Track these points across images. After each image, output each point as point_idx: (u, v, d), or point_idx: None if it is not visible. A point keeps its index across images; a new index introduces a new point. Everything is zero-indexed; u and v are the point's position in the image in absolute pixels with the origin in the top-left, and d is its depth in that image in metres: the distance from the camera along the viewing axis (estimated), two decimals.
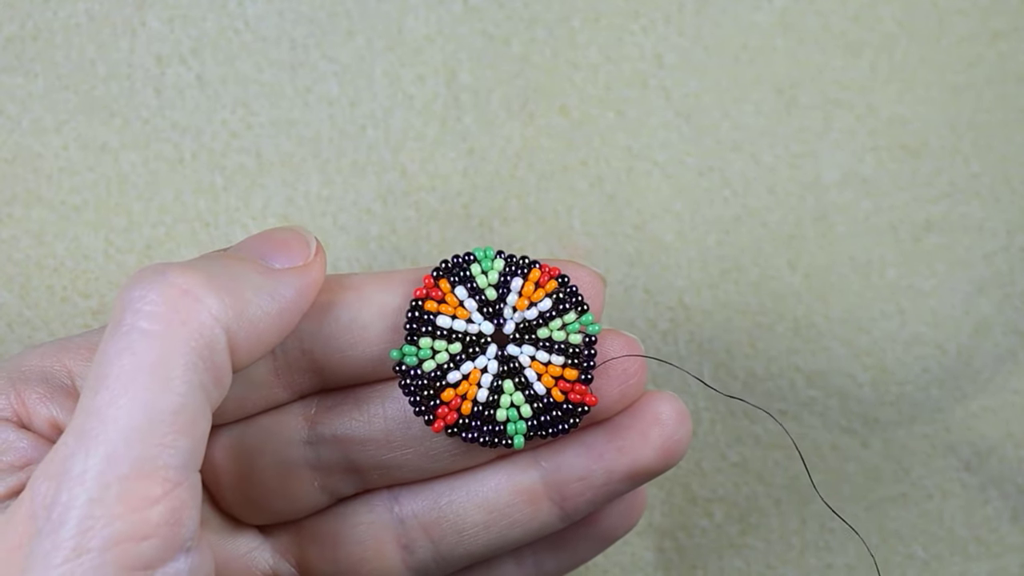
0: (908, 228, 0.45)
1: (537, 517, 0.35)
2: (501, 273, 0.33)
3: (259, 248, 0.31)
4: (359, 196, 0.44)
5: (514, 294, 0.33)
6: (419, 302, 0.33)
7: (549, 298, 0.33)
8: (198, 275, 0.28)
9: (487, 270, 0.33)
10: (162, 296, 0.28)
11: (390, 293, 0.33)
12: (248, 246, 0.32)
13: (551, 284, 0.33)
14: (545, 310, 0.33)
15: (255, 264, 0.31)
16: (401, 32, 0.44)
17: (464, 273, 0.33)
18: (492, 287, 0.33)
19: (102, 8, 0.43)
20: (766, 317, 0.45)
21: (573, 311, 0.33)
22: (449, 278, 0.33)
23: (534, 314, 0.33)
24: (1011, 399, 0.46)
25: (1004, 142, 0.45)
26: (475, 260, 0.33)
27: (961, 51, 0.45)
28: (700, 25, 0.45)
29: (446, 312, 0.33)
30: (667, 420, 0.34)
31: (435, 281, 0.33)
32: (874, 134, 0.45)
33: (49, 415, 0.31)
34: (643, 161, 0.45)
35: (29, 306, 0.43)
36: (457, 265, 0.33)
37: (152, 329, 0.27)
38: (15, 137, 0.43)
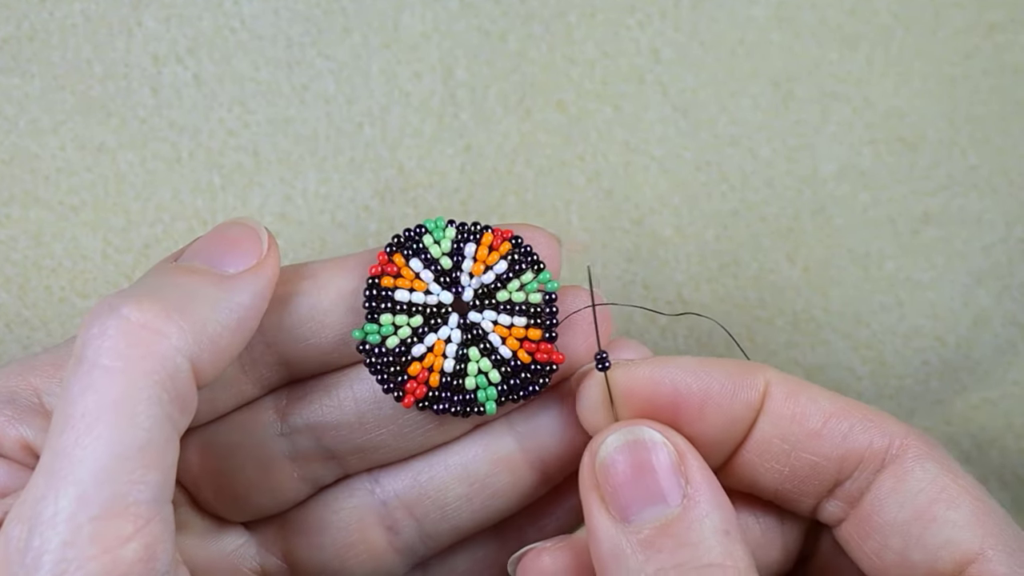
0: (906, 221, 0.45)
1: (518, 485, 0.35)
2: (453, 241, 0.33)
3: (210, 251, 0.31)
4: (357, 193, 0.44)
5: (468, 260, 0.33)
6: (375, 279, 0.33)
7: (504, 260, 0.33)
8: (154, 306, 0.28)
9: (439, 239, 0.33)
10: (120, 331, 0.28)
11: (346, 276, 0.33)
12: (199, 250, 0.31)
13: (504, 246, 0.33)
14: (501, 272, 0.33)
15: (208, 275, 0.30)
16: (397, 29, 0.44)
17: (417, 245, 0.33)
18: (446, 256, 0.33)
19: (98, 8, 0.43)
20: (765, 311, 0.45)
21: (529, 270, 0.33)
22: (403, 252, 0.33)
23: (491, 277, 0.33)
24: (1011, 390, 0.46)
25: (1001, 134, 0.45)
26: (427, 231, 0.33)
27: (957, 43, 0.45)
28: (696, 20, 0.45)
29: (403, 286, 0.33)
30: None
31: (389, 256, 0.33)
32: (871, 127, 0.45)
33: (19, 436, 0.31)
34: (640, 156, 0.45)
35: (27, 306, 0.43)
36: (409, 238, 0.33)
37: (113, 366, 0.27)
38: (12, 138, 0.43)
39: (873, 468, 0.32)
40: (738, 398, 0.32)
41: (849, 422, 0.32)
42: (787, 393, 0.32)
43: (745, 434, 0.32)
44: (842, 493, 0.32)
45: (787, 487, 0.33)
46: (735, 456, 0.33)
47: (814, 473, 0.32)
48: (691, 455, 0.30)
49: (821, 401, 0.32)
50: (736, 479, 0.33)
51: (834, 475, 0.32)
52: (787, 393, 0.32)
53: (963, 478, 0.31)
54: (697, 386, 0.32)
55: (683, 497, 0.30)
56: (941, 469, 0.31)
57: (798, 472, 0.32)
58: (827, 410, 0.32)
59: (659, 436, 0.30)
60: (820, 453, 0.32)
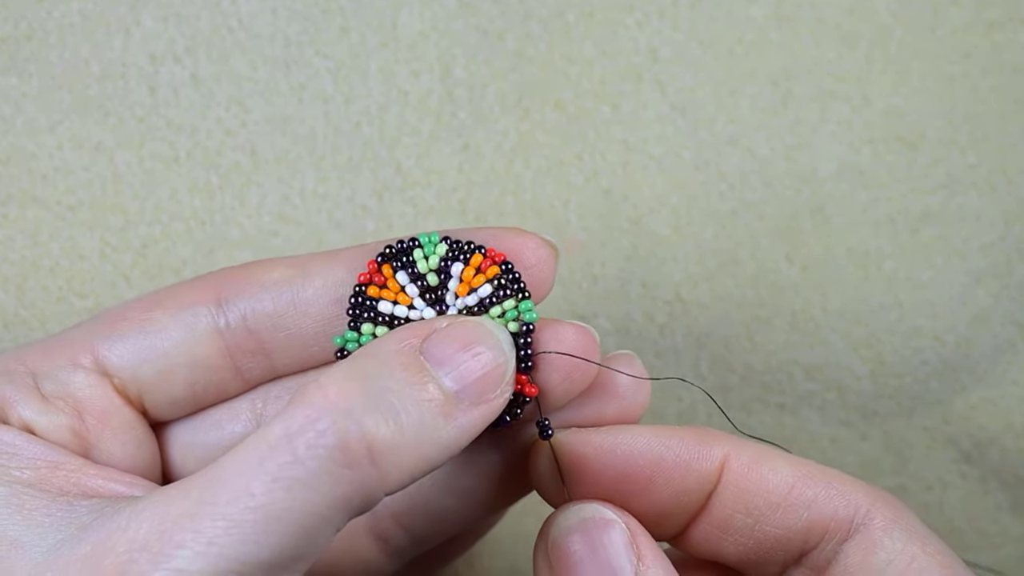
0: (905, 220, 0.45)
1: (506, 495, 0.35)
2: (442, 258, 0.33)
3: (459, 364, 0.30)
4: (354, 193, 0.44)
5: (455, 279, 0.32)
6: (362, 287, 0.32)
7: (489, 284, 0.32)
8: (388, 430, 0.27)
9: (429, 255, 0.33)
10: (339, 441, 0.27)
11: (332, 269, 0.33)
12: (447, 358, 0.29)
13: (492, 270, 0.32)
14: (485, 296, 0.32)
15: (443, 403, 0.29)
16: (395, 28, 0.44)
17: (406, 258, 0.33)
18: (433, 272, 0.33)
19: (96, 8, 0.43)
20: (764, 310, 0.45)
21: (512, 298, 0.32)
22: (392, 263, 0.33)
23: (474, 300, 0.32)
24: (1010, 390, 0.46)
25: (1000, 133, 0.45)
26: (418, 245, 0.33)
27: (956, 42, 0.45)
28: (695, 19, 0.45)
29: (388, 298, 0.32)
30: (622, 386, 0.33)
31: (379, 266, 0.33)
32: (870, 126, 0.45)
33: (19, 416, 0.31)
34: (639, 155, 0.45)
35: (25, 306, 0.43)
36: (401, 251, 0.33)
37: (315, 473, 0.26)
38: (10, 137, 0.43)
39: (839, 538, 0.31)
40: (692, 470, 0.31)
41: (813, 491, 0.31)
42: (747, 464, 0.32)
43: (701, 505, 0.32)
44: (809, 562, 0.32)
45: (751, 557, 0.32)
46: (695, 525, 0.32)
47: (779, 544, 0.32)
48: (641, 533, 0.30)
49: (783, 470, 0.32)
50: (698, 548, 0.33)
51: (800, 545, 0.32)
52: (747, 464, 0.32)
53: (931, 544, 0.31)
54: (649, 457, 0.31)
55: (635, 574, 0.30)
56: (910, 537, 0.31)
57: (762, 544, 0.32)
58: (789, 480, 0.31)
59: (611, 514, 0.30)
60: (784, 525, 0.31)
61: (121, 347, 0.33)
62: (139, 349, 0.33)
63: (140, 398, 0.34)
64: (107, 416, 0.33)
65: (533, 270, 0.33)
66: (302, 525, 0.26)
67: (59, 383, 0.33)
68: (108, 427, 0.33)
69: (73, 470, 0.30)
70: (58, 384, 0.33)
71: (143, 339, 0.33)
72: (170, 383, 0.34)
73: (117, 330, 0.34)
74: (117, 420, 0.33)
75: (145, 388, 0.34)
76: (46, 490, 0.29)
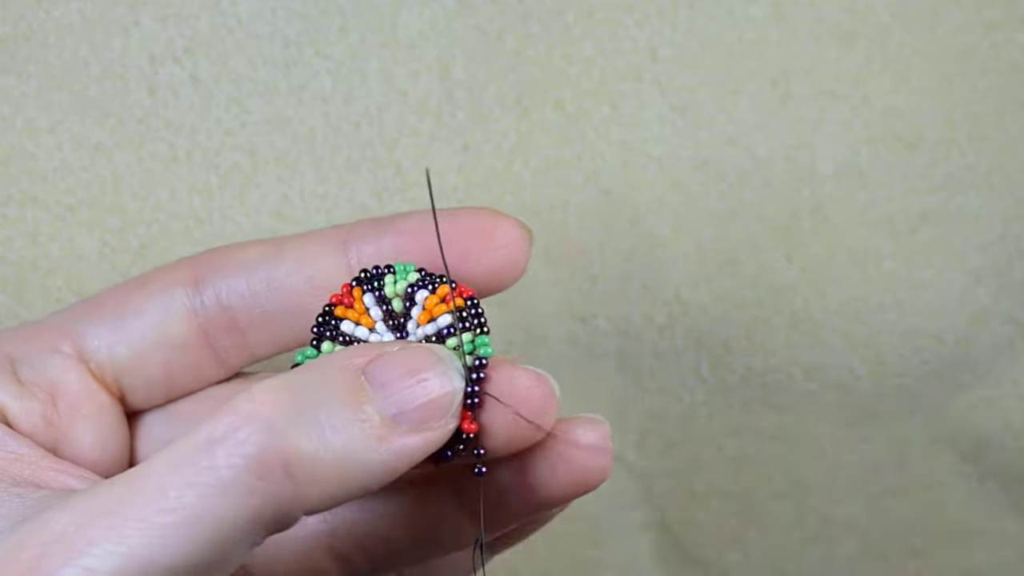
0: (904, 219, 0.45)
1: (465, 533, 0.33)
2: (410, 285, 0.32)
3: (397, 386, 0.29)
4: (354, 193, 0.44)
5: (418, 307, 0.32)
6: (330, 307, 0.32)
7: (450, 315, 0.32)
8: (308, 445, 0.26)
9: (399, 280, 0.33)
10: (255, 451, 0.26)
11: (306, 247, 0.33)
12: (386, 380, 0.28)
13: (457, 301, 0.32)
14: (443, 326, 0.32)
15: (374, 424, 0.28)
16: (395, 28, 0.44)
17: (377, 283, 0.33)
18: (399, 298, 0.32)
19: (95, 8, 0.43)
20: (763, 310, 0.45)
21: (470, 331, 0.31)
22: (363, 286, 0.33)
23: (432, 329, 0.32)
24: (1010, 390, 0.46)
25: (999, 132, 0.45)
26: (392, 271, 0.33)
27: (955, 41, 0.45)
28: (694, 18, 0.45)
29: (351, 318, 0.32)
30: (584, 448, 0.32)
31: (351, 288, 0.33)
32: (869, 126, 0.45)
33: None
34: (638, 155, 0.45)
35: (24, 307, 0.43)
36: (374, 276, 0.33)
37: (229, 482, 0.26)
38: (8, 138, 0.43)
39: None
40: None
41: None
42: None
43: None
44: None
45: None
46: None
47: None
48: None
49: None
50: None
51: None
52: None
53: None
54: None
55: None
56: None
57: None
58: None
59: None
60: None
61: (98, 330, 0.34)
62: (114, 330, 0.34)
63: (117, 381, 0.34)
64: (80, 402, 0.33)
65: (503, 250, 0.33)
66: (213, 533, 0.26)
67: (36, 369, 0.33)
68: (80, 413, 0.33)
69: (31, 463, 0.30)
70: (35, 370, 0.33)
71: (119, 321, 0.34)
72: (146, 364, 0.34)
73: (95, 314, 0.34)
74: (90, 406, 0.33)
75: (121, 370, 0.34)
76: (1, 479, 0.29)
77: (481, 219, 0.33)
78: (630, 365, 0.45)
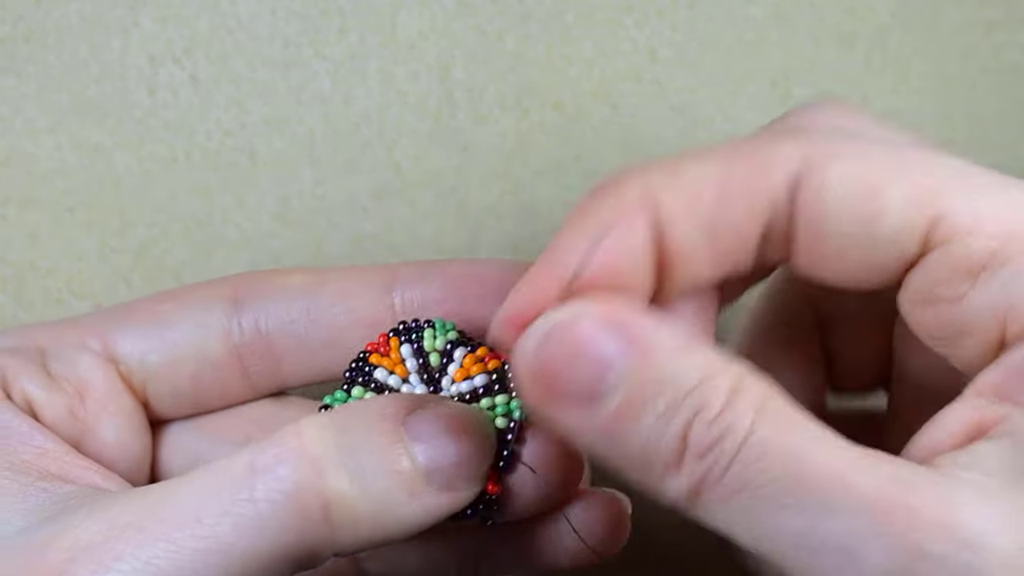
0: None
1: (476, 570, 0.34)
2: (449, 342, 0.32)
3: (433, 443, 0.28)
4: (353, 194, 0.44)
5: (455, 364, 0.32)
6: (366, 353, 0.32)
7: (487, 375, 0.32)
8: (349, 490, 0.26)
9: (438, 335, 0.33)
10: (297, 490, 0.26)
11: (349, 282, 0.33)
12: (427, 434, 0.28)
13: (493, 363, 0.32)
14: (479, 386, 0.32)
15: (409, 483, 0.27)
16: (394, 29, 0.44)
17: (415, 335, 0.33)
18: (437, 352, 0.32)
19: (94, 9, 0.43)
20: None
21: (505, 393, 0.31)
22: (400, 336, 0.33)
23: (467, 387, 0.32)
24: None
25: (999, 132, 0.45)
26: (432, 326, 0.33)
27: (955, 42, 0.45)
28: (694, 18, 0.45)
29: (387, 366, 0.32)
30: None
31: (387, 338, 0.33)
32: None
33: (22, 389, 0.32)
34: (638, 155, 0.45)
35: (24, 308, 0.43)
36: (413, 328, 0.33)
37: (266, 517, 0.26)
38: (8, 138, 0.43)
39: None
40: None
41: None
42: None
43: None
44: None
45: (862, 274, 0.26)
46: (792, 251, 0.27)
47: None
48: (628, 312, 0.24)
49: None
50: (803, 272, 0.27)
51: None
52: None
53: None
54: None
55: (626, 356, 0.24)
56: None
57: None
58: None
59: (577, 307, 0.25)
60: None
61: (131, 335, 0.34)
62: (149, 338, 0.34)
63: (144, 387, 0.34)
64: (107, 401, 0.33)
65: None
66: (243, 566, 0.25)
67: (65, 363, 0.33)
68: (106, 412, 0.33)
69: (57, 458, 0.30)
70: (64, 364, 0.33)
71: (154, 329, 0.34)
72: (175, 375, 0.34)
73: (130, 319, 0.34)
74: (116, 406, 0.33)
75: (150, 377, 0.34)
76: (27, 473, 0.29)
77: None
78: None
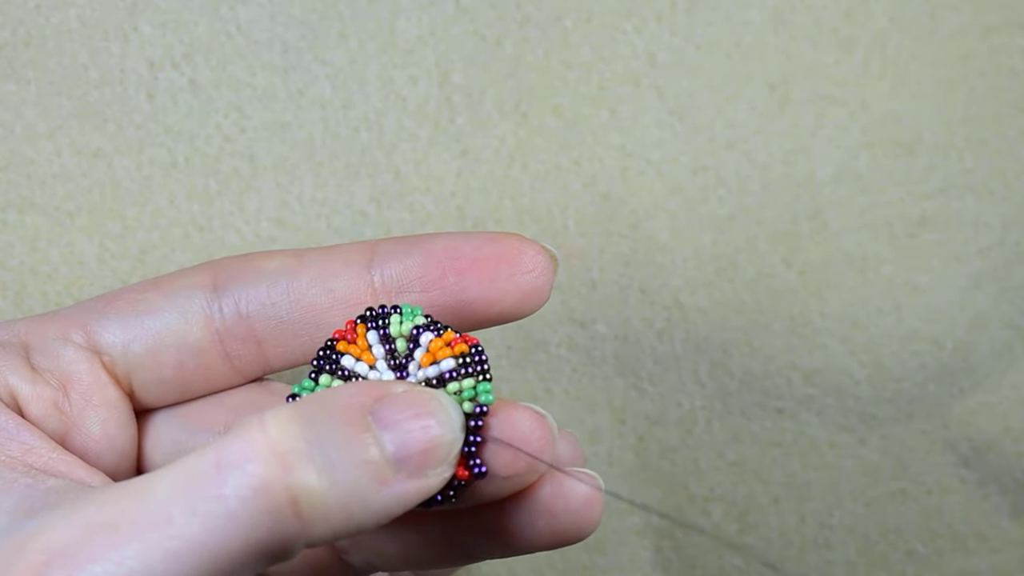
0: (903, 224, 0.45)
1: (453, 556, 0.33)
2: (415, 326, 0.32)
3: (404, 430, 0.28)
4: (353, 198, 0.44)
5: (422, 349, 0.32)
6: (333, 341, 0.32)
7: (453, 359, 0.31)
8: (318, 483, 0.26)
9: (405, 321, 0.32)
10: (266, 486, 0.26)
11: (328, 262, 0.33)
12: (395, 421, 0.28)
13: (460, 347, 0.32)
14: (446, 369, 0.31)
15: (378, 471, 0.27)
16: (393, 34, 0.44)
17: (382, 321, 0.32)
18: (403, 339, 0.32)
19: (94, 14, 0.43)
20: (762, 315, 0.45)
21: (472, 378, 0.31)
22: (367, 324, 0.32)
23: (435, 372, 0.31)
24: (1008, 394, 0.46)
25: (997, 136, 0.45)
26: (399, 312, 0.32)
27: (953, 46, 0.45)
28: (692, 23, 0.45)
29: (353, 353, 0.32)
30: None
31: (355, 325, 0.32)
32: (867, 130, 0.45)
33: (6, 383, 0.32)
34: (637, 160, 0.45)
35: (23, 312, 0.43)
36: (380, 314, 0.32)
37: (236, 514, 0.26)
38: (8, 143, 0.43)
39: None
40: None
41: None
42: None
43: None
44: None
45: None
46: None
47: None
48: None
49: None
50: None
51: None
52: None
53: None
54: None
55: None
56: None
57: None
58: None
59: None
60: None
61: (113, 325, 0.34)
62: (131, 327, 0.34)
63: (128, 377, 0.34)
64: (92, 393, 0.33)
65: (529, 276, 0.33)
66: (215, 562, 0.25)
67: (49, 357, 0.33)
68: (91, 404, 0.33)
69: (43, 455, 0.30)
70: (48, 357, 0.33)
71: (135, 318, 0.34)
72: (159, 363, 0.34)
73: (111, 308, 0.34)
74: (101, 398, 0.33)
75: (134, 367, 0.34)
76: (12, 469, 0.29)
77: (508, 244, 0.33)
78: (629, 370, 0.45)
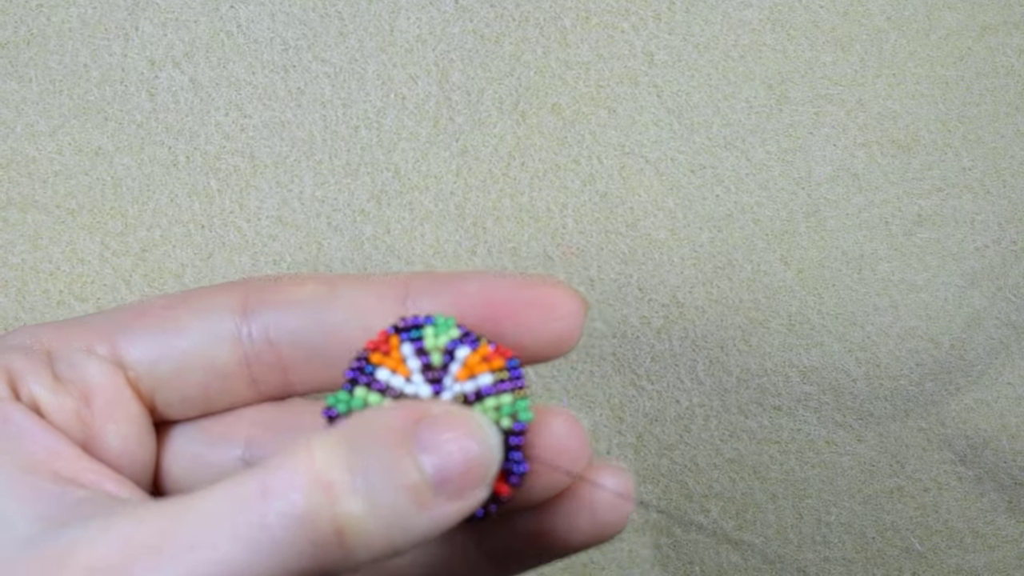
0: (900, 222, 0.45)
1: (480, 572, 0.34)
2: (451, 340, 0.32)
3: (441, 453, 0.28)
4: (353, 197, 0.44)
5: (458, 363, 0.32)
6: (367, 352, 0.32)
7: (491, 375, 0.31)
8: (362, 511, 0.26)
9: (439, 335, 0.32)
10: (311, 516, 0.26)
11: (362, 295, 0.33)
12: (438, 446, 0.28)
13: (497, 362, 0.32)
14: (483, 385, 0.31)
15: (419, 495, 0.27)
16: (392, 33, 0.44)
17: (417, 333, 0.32)
18: (439, 352, 0.32)
19: (95, 13, 0.44)
20: (759, 313, 0.45)
21: (510, 393, 0.31)
22: (401, 335, 0.32)
23: (472, 387, 0.31)
24: (1005, 391, 0.46)
25: (994, 135, 0.45)
26: (432, 324, 0.32)
27: (951, 45, 0.45)
28: (690, 22, 0.45)
29: (388, 366, 0.32)
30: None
31: (388, 336, 0.32)
32: (864, 129, 0.45)
33: (29, 391, 0.32)
34: (635, 159, 0.45)
35: (25, 310, 0.43)
36: (414, 326, 0.32)
37: (280, 543, 0.26)
38: (9, 142, 0.43)
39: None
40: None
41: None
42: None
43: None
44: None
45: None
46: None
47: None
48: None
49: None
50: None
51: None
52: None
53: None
54: None
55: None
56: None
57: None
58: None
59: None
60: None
61: (141, 341, 0.34)
62: (159, 345, 0.33)
63: (152, 394, 0.34)
64: (114, 406, 0.33)
65: (562, 322, 0.33)
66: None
67: (72, 366, 0.33)
68: (112, 418, 0.33)
69: (70, 460, 0.30)
70: (71, 367, 0.33)
71: (163, 336, 0.34)
72: (184, 383, 0.34)
73: (139, 324, 0.34)
74: (123, 412, 0.33)
75: (159, 385, 0.34)
76: (39, 474, 0.29)
77: (543, 291, 0.33)
78: (627, 367, 0.45)
